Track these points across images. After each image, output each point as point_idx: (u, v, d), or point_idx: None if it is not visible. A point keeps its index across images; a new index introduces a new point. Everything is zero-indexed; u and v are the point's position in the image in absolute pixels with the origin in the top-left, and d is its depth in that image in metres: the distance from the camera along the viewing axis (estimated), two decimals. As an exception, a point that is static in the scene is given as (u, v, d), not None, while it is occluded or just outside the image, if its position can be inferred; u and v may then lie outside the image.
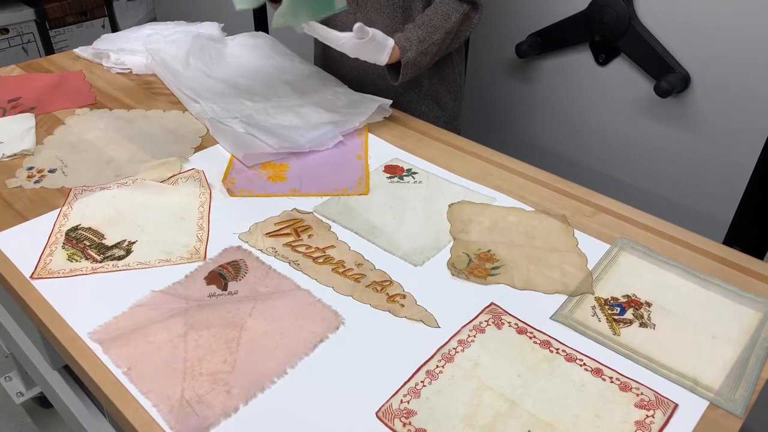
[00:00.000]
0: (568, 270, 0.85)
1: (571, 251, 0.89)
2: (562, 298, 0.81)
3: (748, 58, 1.28)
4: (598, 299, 0.81)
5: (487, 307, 0.79)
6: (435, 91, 1.31)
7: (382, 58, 1.09)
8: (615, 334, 0.76)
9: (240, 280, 0.83)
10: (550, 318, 0.78)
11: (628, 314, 0.79)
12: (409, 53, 1.11)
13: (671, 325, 0.77)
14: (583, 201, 0.99)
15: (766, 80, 1.28)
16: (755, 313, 0.79)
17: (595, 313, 0.79)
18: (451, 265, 0.86)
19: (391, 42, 1.09)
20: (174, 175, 1.03)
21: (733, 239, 1.44)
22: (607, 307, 0.80)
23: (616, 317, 0.79)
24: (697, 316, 0.79)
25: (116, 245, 0.88)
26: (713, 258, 0.88)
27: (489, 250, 0.88)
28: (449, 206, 0.97)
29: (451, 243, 0.90)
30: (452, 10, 1.14)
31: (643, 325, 0.78)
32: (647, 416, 0.66)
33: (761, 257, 0.87)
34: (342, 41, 1.06)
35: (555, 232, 0.92)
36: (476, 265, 0.86)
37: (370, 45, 1.06)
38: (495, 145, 1.15)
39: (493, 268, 0.85)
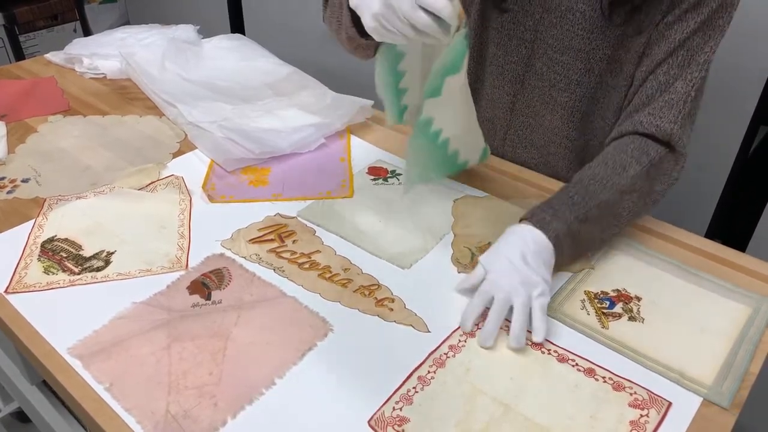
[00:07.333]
0: None
1: None
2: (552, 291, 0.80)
3: (726, 54, 1.29)
4: (587, 293, 0.81)
5: (477, 309, 0.78)
6: None
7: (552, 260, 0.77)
8: (603, 327, 0.76)
9: (224, 288, 0.81)
10: (540, 311, 0.77)
11: (618, 308, 0.79)
12: (553, 225, 0.77)
13: (660, 320, 0.77)
14: (569, 199, 0.98)
15: (744, 77, 1.29)
16: (745, 308, 0.79)
17: (584, 307, 0.79)
18: (456, 261, 0.85)
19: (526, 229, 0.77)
20: (152, 182, 1.01)
21: (713, 234, 1.46)
22: (596, 300, 0.80)
23: (605, 311, 0.78)
24: (687, 311, 0.78)
25: (94, 256, 0.86)
26: (701, 253, 0.88)
27: (489, 243, 0.87)
28: (454, 201, 0.97)
29: (438, 244, 0.89)
30: (633, 157, 0.82)
31: (632, 318, 0.77)
32: (641, 415, 0.66)
33: (742, 251, 0.88)
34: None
35: None
36: None
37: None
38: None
39: None
